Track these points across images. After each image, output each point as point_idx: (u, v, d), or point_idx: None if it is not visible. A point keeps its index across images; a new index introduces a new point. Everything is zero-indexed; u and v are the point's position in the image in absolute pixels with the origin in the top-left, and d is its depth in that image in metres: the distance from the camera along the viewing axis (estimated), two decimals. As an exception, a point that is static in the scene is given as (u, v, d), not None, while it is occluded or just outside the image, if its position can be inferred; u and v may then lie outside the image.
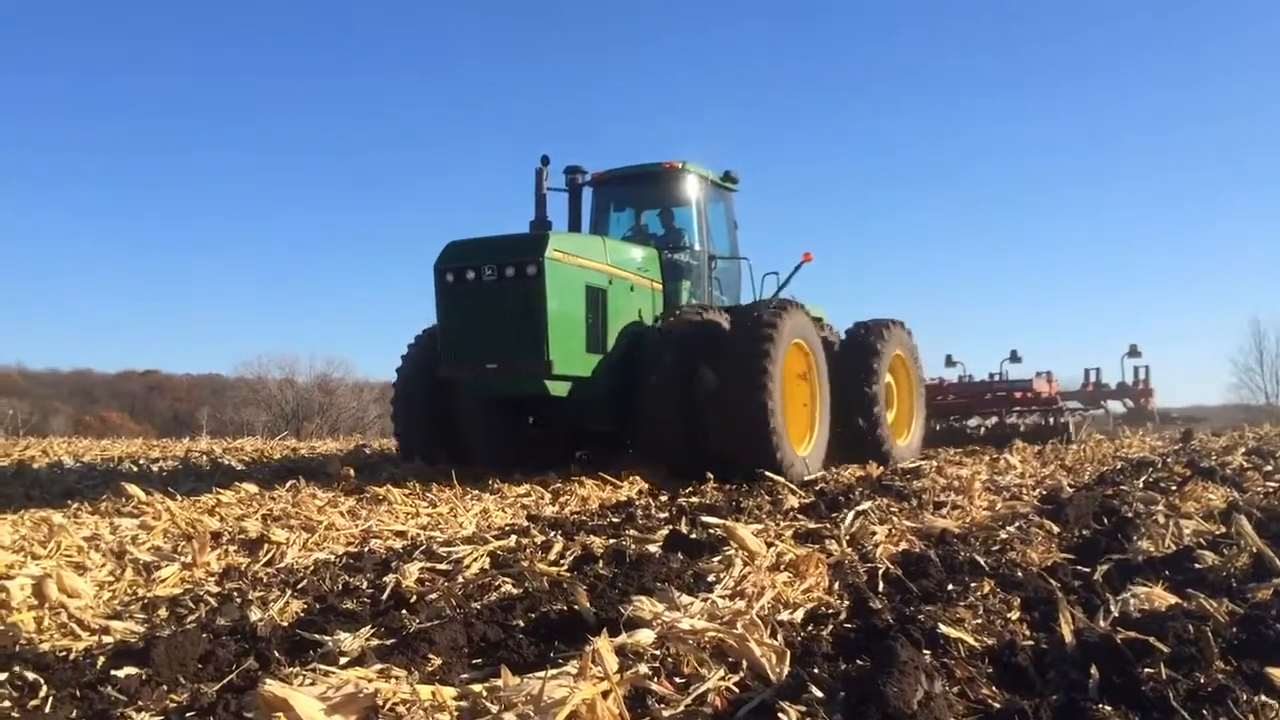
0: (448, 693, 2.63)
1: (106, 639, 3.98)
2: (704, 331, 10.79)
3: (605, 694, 2.52)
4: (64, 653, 3.72)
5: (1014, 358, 22.43)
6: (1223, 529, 5.71)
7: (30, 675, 3.28)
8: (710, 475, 9.83)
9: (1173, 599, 3.85)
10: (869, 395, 12.51)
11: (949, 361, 22.63)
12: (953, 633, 3.31)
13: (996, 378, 22.02)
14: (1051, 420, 19.10)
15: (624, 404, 10.55)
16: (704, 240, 12.54)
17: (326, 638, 3.59)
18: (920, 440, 14.33)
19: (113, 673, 3.30)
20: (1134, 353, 21.64)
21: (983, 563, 4.80)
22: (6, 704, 3.11)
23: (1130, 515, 6.28)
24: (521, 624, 3.75)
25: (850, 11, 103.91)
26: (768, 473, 9.45)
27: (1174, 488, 8.26)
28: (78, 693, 3.14)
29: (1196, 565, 4.55)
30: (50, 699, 3.09)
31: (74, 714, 2.99)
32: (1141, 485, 8.76)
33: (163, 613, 4.46)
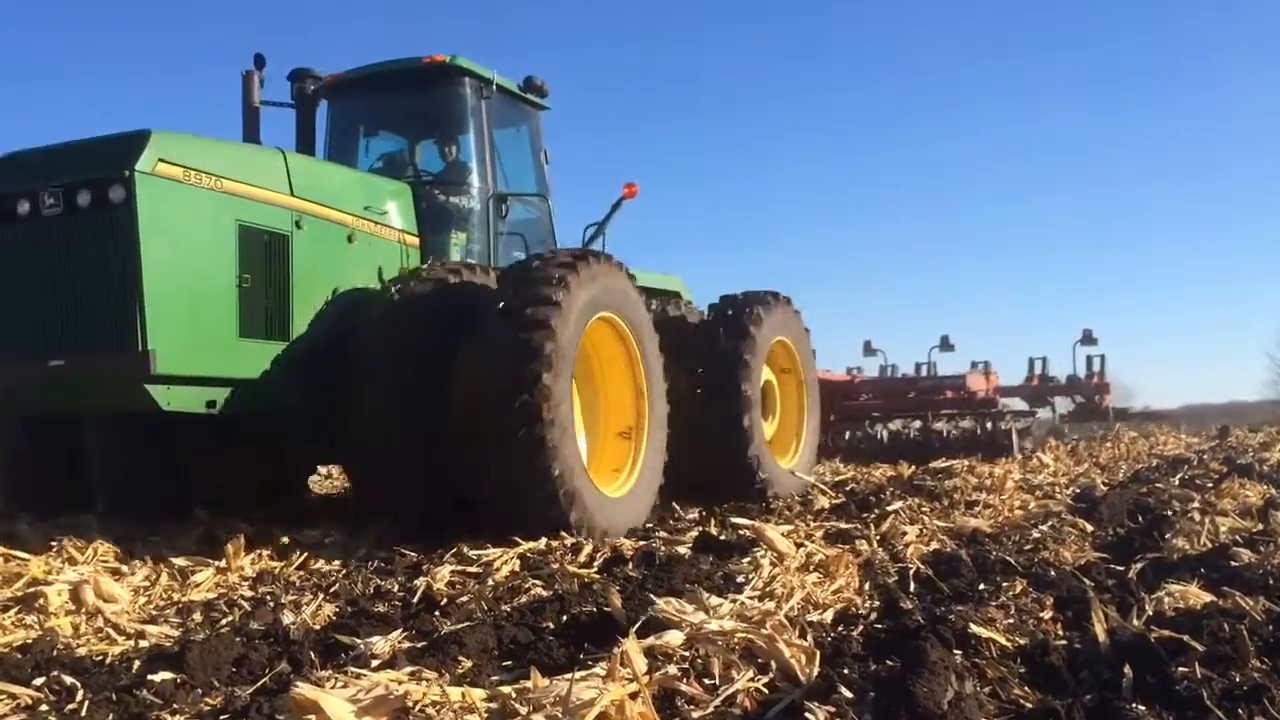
0: (477, 694, 2.65)
1: (142, 643, 4.03)
2: (453, 300, 6.86)
3: (634, 695, 2.53)
4: (100, 657, 3.77)
5: (945, 345, 18.32)
6: (1260, 526, 5.66)
7: (67, 679, 3.32)
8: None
9: (1208, 597, 3.81)
10: (736, 399, 8.59)
11: (868, 349, 18.96)
12: (984, 632, 3.29)
13: (925, 370, 18.25)
14: (990, 425, 14.36)
15: (333, 421, 6.69)
16: (487, 173, 8.46)
17: (358, 640, 3.62)
18: (812, 458, 10.36)
19: (148, 676, 3.34)
20: (1088, 339, 17.40)
21: (1014, 562, 4.77)
22: (44, 708, 3.15)
23: (1165, 513, 6.22)
24: (551, 626, 3.77)
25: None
26: (548, 538, 6.07)
27: (1210, 485, 8.17)
28: (114, 696, 3.18)
29: (1232, 563, 4.50)
30: (86, 703, 3.12)
31: (110, 717, 3.03)
32: (1177, 482, 8.68)
33: (197, 617, 4.51)
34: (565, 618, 3.86)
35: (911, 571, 4.67)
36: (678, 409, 7.83)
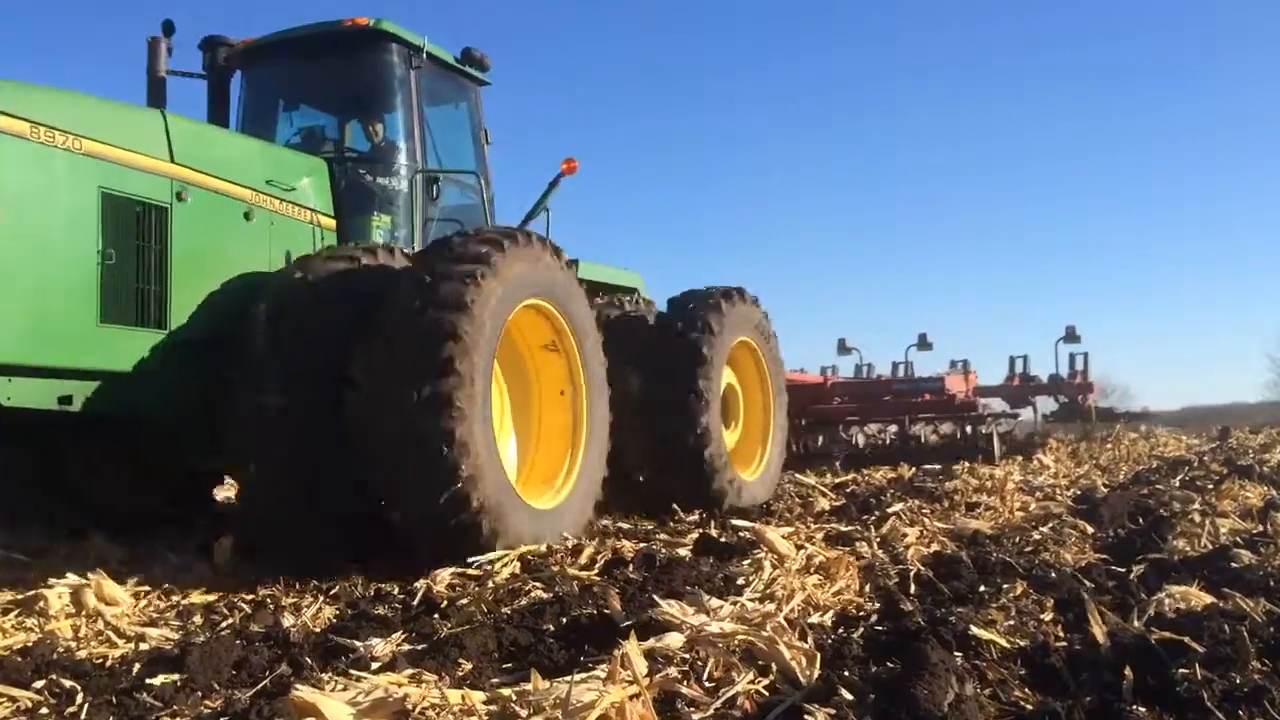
0: (477, 697, 2.65)
1: (143, 646, 4.03)
2: (359, 285, 5.91)
3: (634, 697, 2.53)
4: (100, 660, 3.77)
5: (922, 344, 17.62)
6: (1260, 527, 5.65)
7: (67, 682, 3.33)
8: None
9: (1209, 599, 3.81)
10: (692, 396, 7.89)
11: (842, 348, 18.00)
12: (984, 634, 3.29)
13: (902, 369, 17.44)
14: (969, 430, 13.66)
15: (221, 422, 5.81)
16: (416, 151, 7.56)
17: (358, 643, 3.61)
18: (779, 468, 9.42)
19: (148, 680, 3.34)
20: (1071, 337, 16.60)
21: (1015, 564, 4.77)
22: (44, 711, 3.15)
23: (1166, 514, 6.22)
24: (551, 628, 3.76)
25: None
26: (460, 568, 5.16)
27: (1210, 486, 8.17)
28: (114, 699, 3.18)
29: (1233, 564, 4.50)
30: (87, 705, 3.13)
31: (110, 719, 3.03)
32: (1178, 484, 8.68)
33: (198, 619, 4.51)
34: (565, 620, 3.86)
35: (912, 573, 4.67)
36: (637, 412, 7.43)
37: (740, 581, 4.38)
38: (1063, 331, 16.74)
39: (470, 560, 5.21)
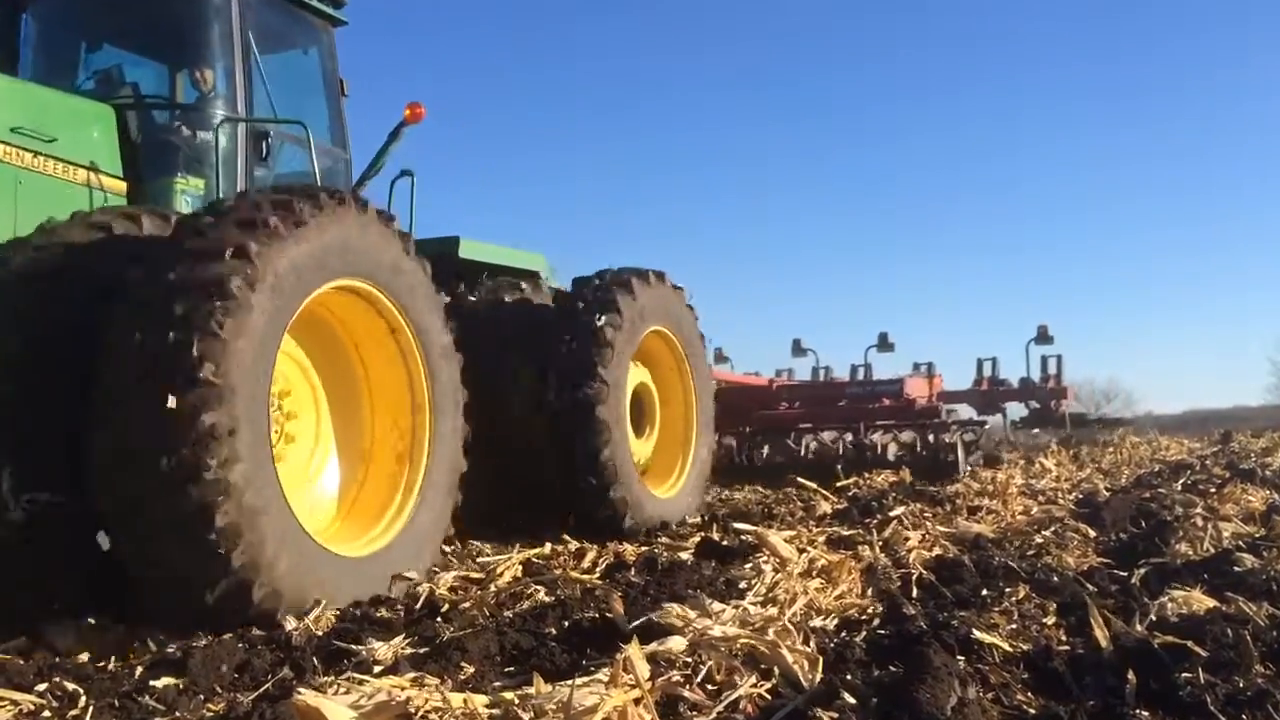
0: (479, 700, 2.65)
1: (145, 649, 4.03)
2: (100, 262, 4.56)
3: (637, 701, 2.53)
4: (103, 663, 3.77)
5: (883, 344, 16.13)
6: (1263, 531, 5.65)
7: (70, 685, 3.33)
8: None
9: (1211, 602, 3.81)
10: (586, 391, 6.65)
11: (797, 349, 16.47)
12: (987, 638, 3.28)
13: (861, 372, 15.91)
14: (932, 439, 11.95)
15: None
16: (237, 99, 6.13)
17: (360, 646, 3.62)
18: (703, 484, 8.18)
19: (151, 683, 3.35)
20: (1043, 338, 15.12)
21: (1017, 567, 4.77)
22: (47, 714, 3.16)
23: (1168, 518, 6.22)
24: (554, 632, 3.76)
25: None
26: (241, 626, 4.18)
27: (1213, 490, 8.16)
28: (116, 702, 3.19)
29: (1236, 568, 4.49)
30: (89, 709, 3.13)
31: (113, 723, 3.03)
32: (1180, 488, 8.67)
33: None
34: (568, 623, 3.86)
35: (914, 577, 4.67)
36: (528, 414, 6.58)
37: (742, 585, 4.37)
38: (1034, 332, 15.24)
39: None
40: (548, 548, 5.99)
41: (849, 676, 2.91)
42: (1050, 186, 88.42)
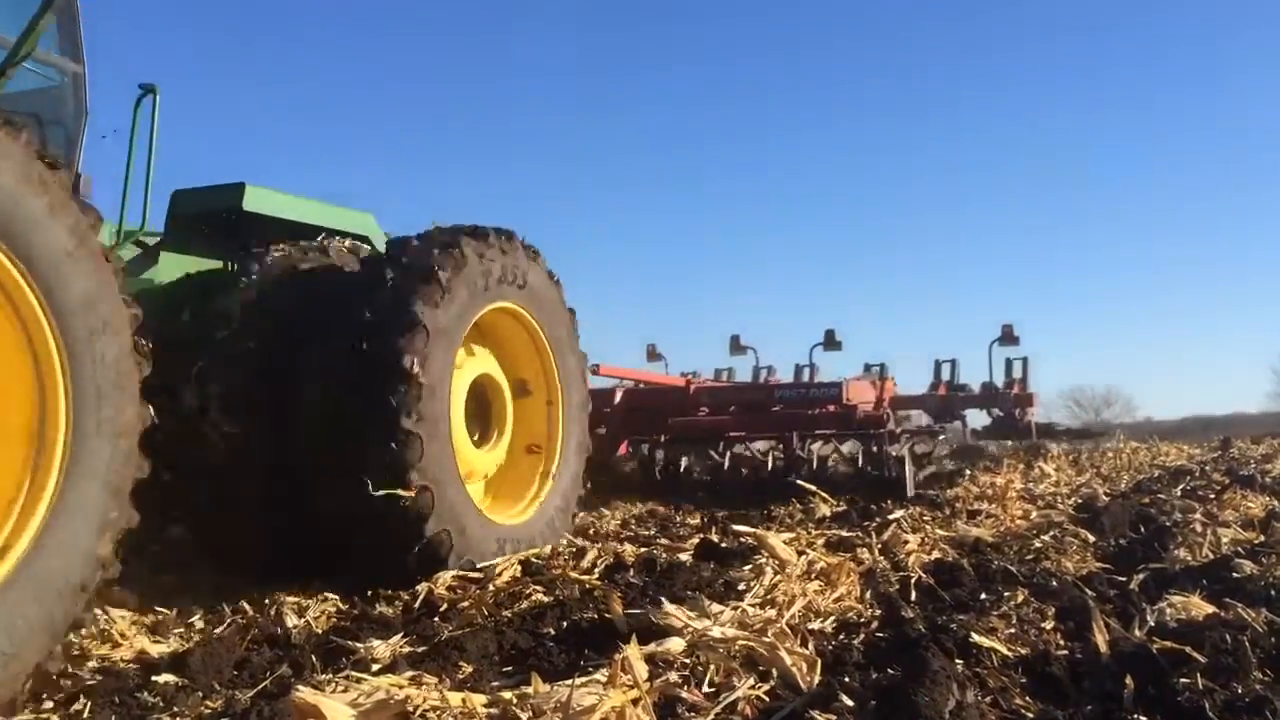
0: (477, 699, 2.65)
1: (145, 646, 4.03)
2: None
3: (635, 702, 2.53)
4: (104, 660, 3.78)
5: (830, 342, 14.27)
6: (1262, 537, 5.65)
7: (70, 681, 3.33)
8: None
9: (1210, 608, 3.81)
10: (386, 382, 5.01)
11: (735, 346, 14.61)
12: (985, 642, 3.29)
13: (806, 373, 14.23)
14: (876, 450, 9.95)
15: None
16: None
17: (359, 645, 3.62)
18: (571, 503, 6.45)
19: (151, 679, 3.35)
20: (1008, 338, 13.37)
21: (1016, 572, 4.77)
22: (48, 707, 3.16)
23: (1167, 524, 6.22)
24: (552, 632, 3.77)
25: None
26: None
27: (1212, 496, 8.16)
28: (116, 699, 3.19)
29: (1234, 574, 4.50)
30: (90, 705, 3.13)
31: (112, 719, 3.04)
32: (1179, 494, 8.66)
33: (201, 620, 4.51)
34: (566, 624, 3.87)
35: (913, 580, 4.67)
36: (318, 437, 5.00)
37: (741, 587, 4.37)
38: (999, 332, 13.46)
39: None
40: (547, 548, 5.98)
41: (847, 679, 2.91)
42: (1049, 186, 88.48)
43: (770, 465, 10.12)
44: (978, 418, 13.55)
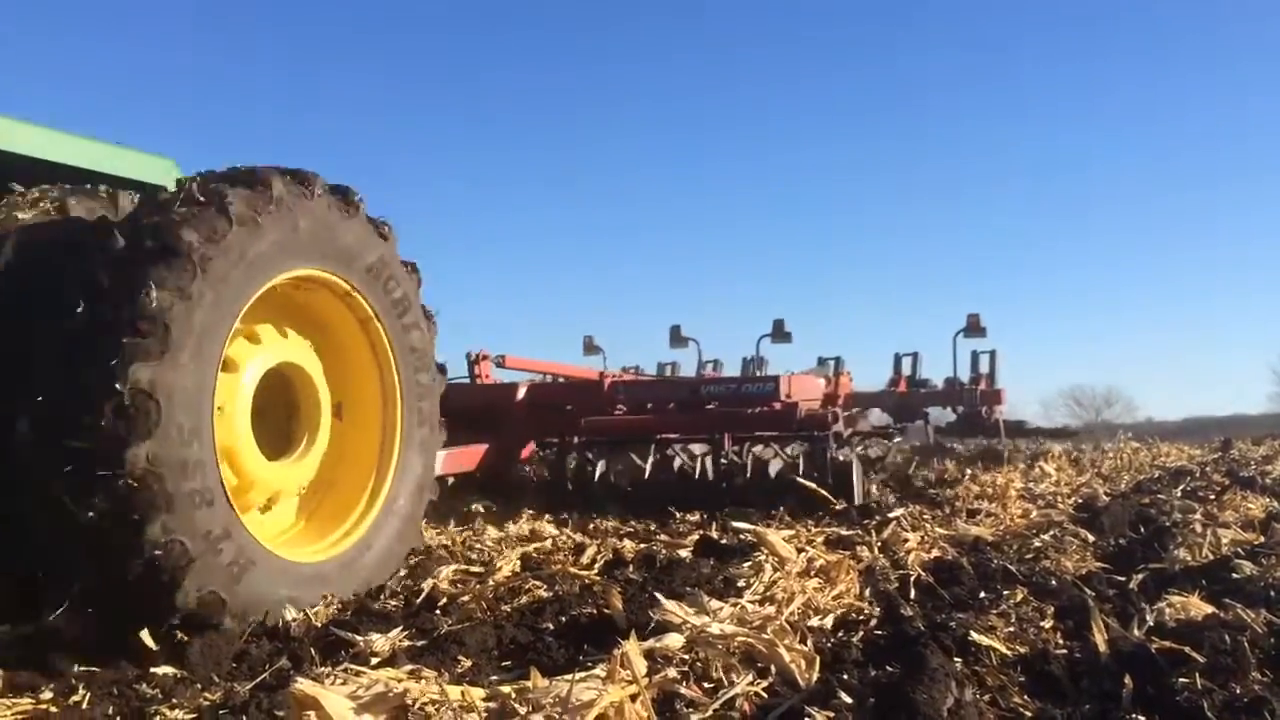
0: (476, 693, 2.65)
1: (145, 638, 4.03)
2: None
3: (633, 697, 2.53)
4: (104, 651, 3.78)
5: (778, 334, 12.98)
6: (1262, 539, 5.65)
7: (69, 673, 3.34)
8: None
9: (1209, 609, 3.81)
10: (99, 374, 3.53)
11: (676, 338, 13.33)
12: (984, 640, 3.29)
13: (752, 367, 13.04)
14: (819, 453, 8.42)
15: None
16: None
17: (359, 638, 3.62)
18: (414, 527, 5.06)
19: (150, 670, 3.36)
20: (974, 329, 12.13)
21: (1016, 570, 4.77)
22: (46, 697, 3.17)
23: (1167, 524, 6.21)
24: (551, 627, 3.77)
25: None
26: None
27: (1212, 497, 8.16)
28: (115, 690, 3.20)
29: (1234, 575, 4.49)
30: (88, 696, 3.14)
31: (111, 711, 3.04)
32: (1179, 494, 8.66)
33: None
34: (565, 619, 3.87)
35: (913, 578, 4.67)
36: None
37: (740, 583, 4.38)
38: (964, 322, 12.14)
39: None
40: (548, 542, 5.99)
41: (846, 676, 2.91)
42: (1049, 186, 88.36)
43: (699, 472, 8.63)
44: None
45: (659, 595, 3.92)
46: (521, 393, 9.03)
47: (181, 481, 3.67)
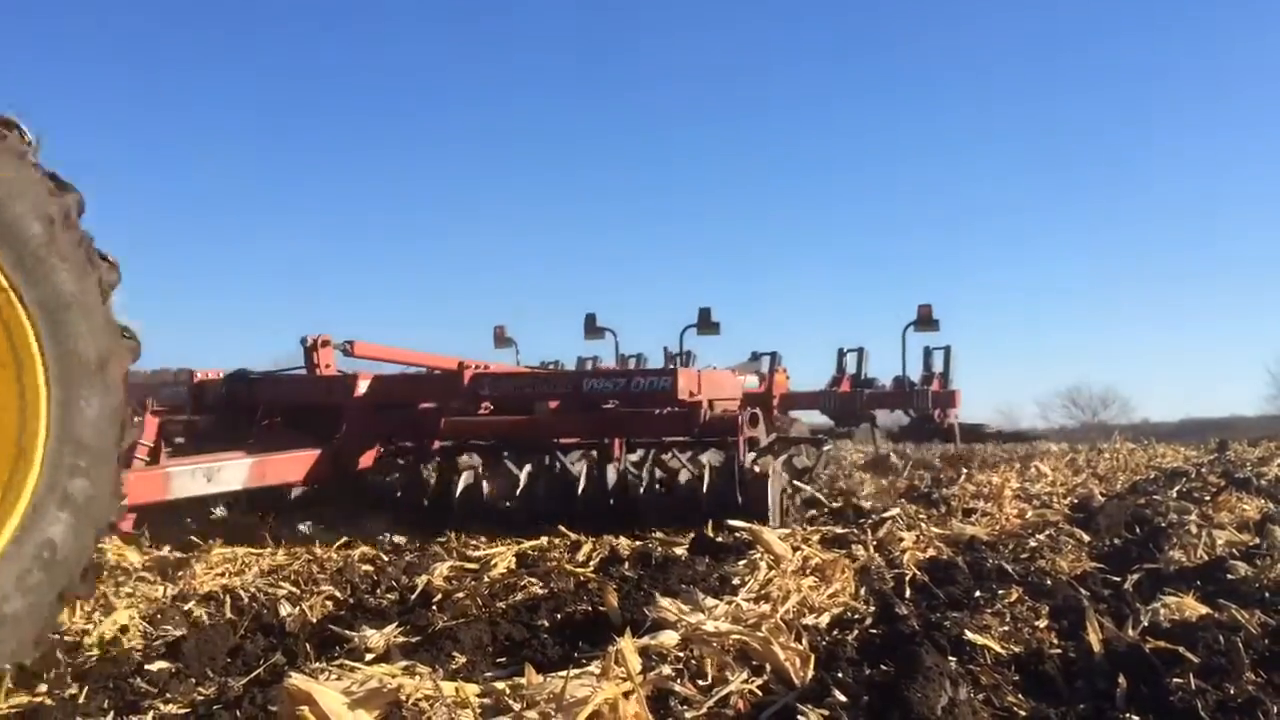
0: (471, 689, 2.65)
1: (141, 633, 4.03)
2: None
3: (628, 694, 2.53)
4: (98, 646, 3.78)
5: (705, 324, 11.60)
6: (1257, 539, 5.65)
7: (65, 668, 3.34)
8: None
9: (1204, 609, 3.81)
10: None
11: (590, 328, 12.19)
12: (979, 639, 3.29)
13: (678, 361, 11.75)
14: (730, 462, 6.87)
15: None
16: None
17: (353, 633, 3.62)
18: (51, 586, 2.90)
19: (145, 666, 3.36)
20: (925, 321, 11.03)
21: (1011, 570, 4.78)
22: (42, 688, 3.17)
23: (1163, 525, 6.22)
24: (546, 624, 3.77)
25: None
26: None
27: (1208, 498, 8.16)
28: (110, 685, 3.20)
29: (1229, 576, 4.50)
30: (84, 690, 3.14)
31: (106, 704, 3.04)
32: (1175, 495, 8.66)
33: (197, 608, 4.51)
34: (560, 616, 3.87)
35: (908, 577, 4.67)
36: None
37: (736, 581, 4.38)
38: (915, 313, 11.05)
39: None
40: (543, 540, 5.99)
41: (840, 674, 2.91)
42: (1050, 187, 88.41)
43: (583, 485, 7.09)
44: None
45: (654, 593, 3.93)
46: (363, 386, 7.31)
47: None
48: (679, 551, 5.54)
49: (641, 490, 7.08)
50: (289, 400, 7.29)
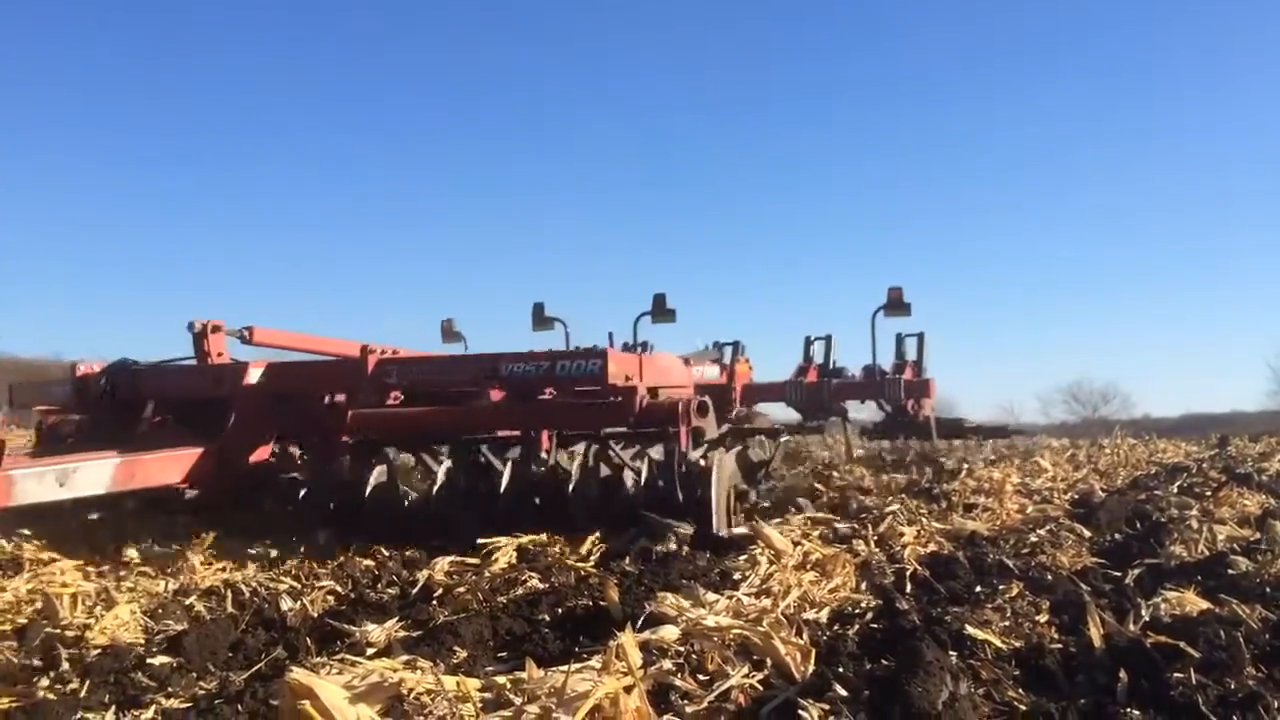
0: (471, 684, 2.65)
1: (142, 628, 4.04)
2: None
3: (628, 689, 2.53)
4: (100, 641, 3.78)
5: (659, 312, 10.82)
6: (1257, 534, 5.65)
7: (67, 662, 3.34)
8: None
9: (1205, 604, 3.81)
10: None
11: (539, 318, 11.64)
12: (979, 634, 3.29)
13: (640, 350, 10.74)
14: (669, 456, 6.19)
15: None
16: None
17: (354, 628, 3.63)
18: None
19: (147, 660, 3.36)
20: (896, 306, 10.38)
21: (1012, 565, 4.77)
22: (44, 682, 3.17)
23: (1163, 520, 6.22)
24: (547, 618, 3.77)
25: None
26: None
27: (1208, 493, 8.16)
28: (112, 679, 3.20)
29: (1230, 570, 4.50)
30: (86, 685, 3.14)
31: (107, 699, 3.04)
32: (1175, 490, 8.66)
33: (199, 603, 4.51)
34: (561, 610, 3.87)
35: (908, 572, 4.67)
36: None
37: (737, 576, 4.38)
38: (885, 297, 10.21)
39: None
40: (543, 534, 5.98)
41: (841, 669, 2.91)
42: (1049, 186, 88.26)
43: (504, 484, 6.21)
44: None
45: (655, 587, 3.93)
46: (255, 375, 6.51)
47: None
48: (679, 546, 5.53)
49: (571, 489, 6.17)
50: (176, 394, 6.55)
